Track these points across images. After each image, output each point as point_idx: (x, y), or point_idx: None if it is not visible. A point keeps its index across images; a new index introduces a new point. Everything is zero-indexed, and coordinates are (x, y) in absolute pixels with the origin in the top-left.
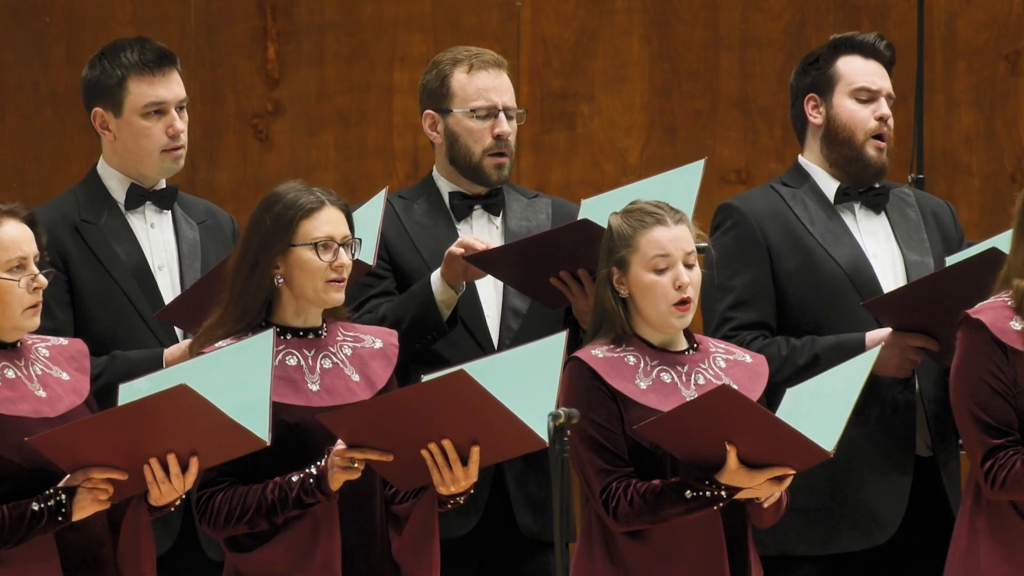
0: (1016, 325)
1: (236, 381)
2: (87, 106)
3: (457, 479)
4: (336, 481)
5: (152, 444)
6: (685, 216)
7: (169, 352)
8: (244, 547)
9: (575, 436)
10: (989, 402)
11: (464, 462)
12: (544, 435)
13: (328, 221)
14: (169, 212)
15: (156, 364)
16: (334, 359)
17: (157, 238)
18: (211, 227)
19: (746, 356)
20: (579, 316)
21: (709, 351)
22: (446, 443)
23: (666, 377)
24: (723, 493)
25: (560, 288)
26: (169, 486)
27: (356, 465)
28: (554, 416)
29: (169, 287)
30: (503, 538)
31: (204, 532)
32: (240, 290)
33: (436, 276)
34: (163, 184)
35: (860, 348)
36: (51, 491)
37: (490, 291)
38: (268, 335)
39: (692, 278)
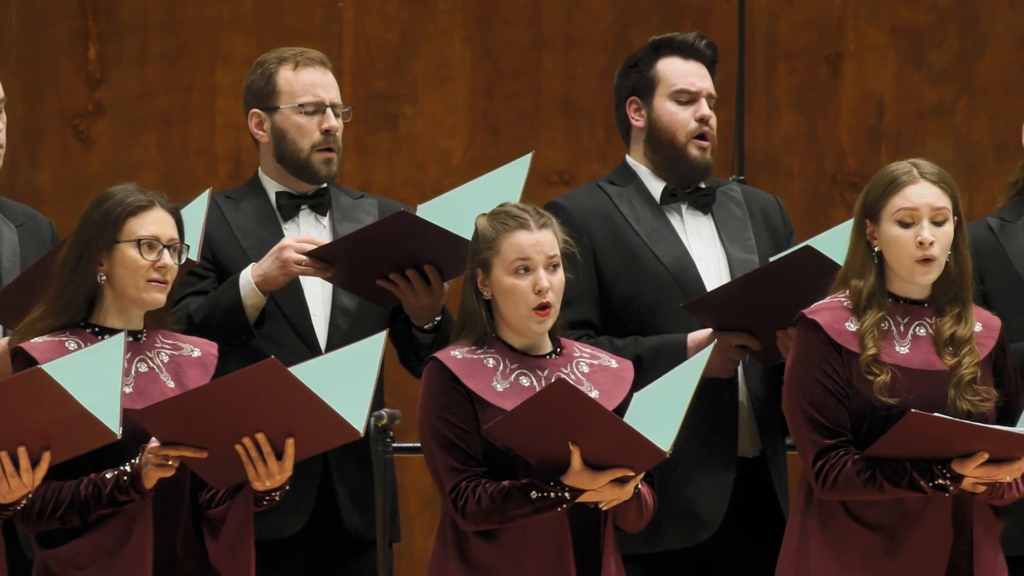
0: (851, 326)
1: (88, 378)
2: None
3: (272, 473)
4: (150, 479)
5: (1, 435)
6: (552, 220)
7: None
8: (54, 542)
9: (428, 435)
10: (823, 402)
11: (279, 456)
12: (359, 427)
13: (155, 222)
14: None
15: None
16: (150, 364)
17: None
18: (30, 230)
19: (611, 361)
20: (410, 312)
21: (573, 355)
22: (260, 436)
23: (525, 381)
24: (567, 495)
25: (388, 288)
26: (18, 480)
27: (170, 463)
28: (376, 417)
29: None
30: (330, 538)
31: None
32: (63, 285)
33: (245, 278)
34: None
35: (682, 349)
36: None
37: (317, 291)
38: (119, 338)
39: (553, 283)
